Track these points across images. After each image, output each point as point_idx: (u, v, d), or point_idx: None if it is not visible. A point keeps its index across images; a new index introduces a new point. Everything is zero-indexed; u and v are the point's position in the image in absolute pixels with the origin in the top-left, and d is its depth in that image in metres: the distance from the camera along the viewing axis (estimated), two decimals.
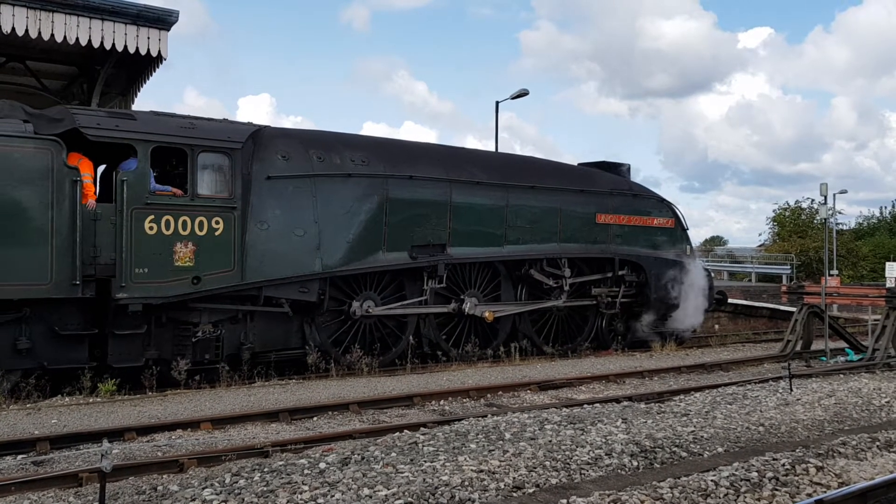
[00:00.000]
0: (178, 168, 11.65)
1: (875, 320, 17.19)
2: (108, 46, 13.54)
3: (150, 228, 10.97)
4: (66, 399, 10.40)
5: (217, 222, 11.49)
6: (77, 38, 13.25)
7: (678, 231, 18.27)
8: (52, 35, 13.07)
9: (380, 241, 13.35)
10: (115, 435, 8.28)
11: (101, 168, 12.50)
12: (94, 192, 11.13)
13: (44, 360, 10.61)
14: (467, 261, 14.57)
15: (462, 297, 14.63)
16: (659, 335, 17.43)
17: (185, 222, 11.22)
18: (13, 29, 12.78)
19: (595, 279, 16.61)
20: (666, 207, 18.20)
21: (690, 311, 17.59)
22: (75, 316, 10.85)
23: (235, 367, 12.05)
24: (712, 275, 20.08)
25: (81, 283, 10.47)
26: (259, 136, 12.42)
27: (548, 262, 15.68)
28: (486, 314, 14.68)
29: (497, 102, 27.07)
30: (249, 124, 12.70)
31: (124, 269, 10.77)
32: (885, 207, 68.90)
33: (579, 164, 18.53)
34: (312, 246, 12.49)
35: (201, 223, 11.36)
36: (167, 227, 11.09)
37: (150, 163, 11.17)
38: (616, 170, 18.19)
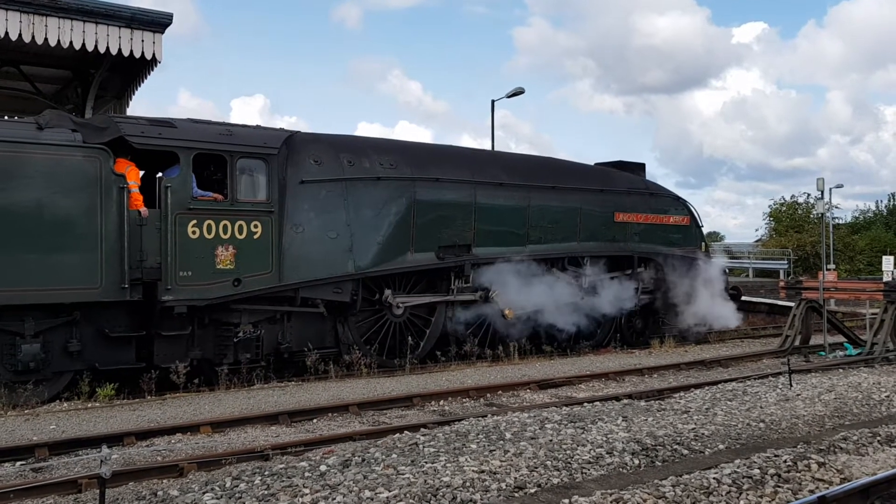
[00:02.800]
0: (215, 174, 11.97)
1: (873, 314, 17.20)
2: (102, 50, 13.49)
3: (193, 233, 11.31)
4: (65, 404, 10.37)
5: (255, 226, 11.85)
6: (71, 42, 13.20)
7: (693, 228, 18.68)
8: (46, 39, 13.01)
9: (408, 241, 13.72)
10: (115, 440, 8.24)
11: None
12: (143, 199, 11.33)
13: (94, 361, 10.92)
14: (493, 260, 14.80)
15: (488, 286, 14.77)
16: (679, 331, 17.76)
17: (225, 226, 11.57)
18: (6, 33, 12.74)
19: (614, 276, 16.86)
20: (681, 205, 18.59)
21: (706, 307, 17.79)
22: (122, 318, 11.18)
23: (275, 366, 12.44)
24: (727, 271, 20.39)
25: (129, 286, 10.78)
26: (292, 142, 12.73)
27: (569, 260, 16.01)
28: (506, 312, 14.82)
29: (493, 101, 27.08)
30: (282, 130, 12.95)
31: (169, 272, 11.09)
32: (881, 201, 68.98)
33: (596, 164, 18.80)
34: (345, 248, 12.86)
35: (241, 227, 11.72)
36: (209, 231, 11.44)
37: (192, 169, 11.49)
38: (632, 169, 18.58)
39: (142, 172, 12.42)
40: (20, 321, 10.38)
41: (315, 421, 9.54)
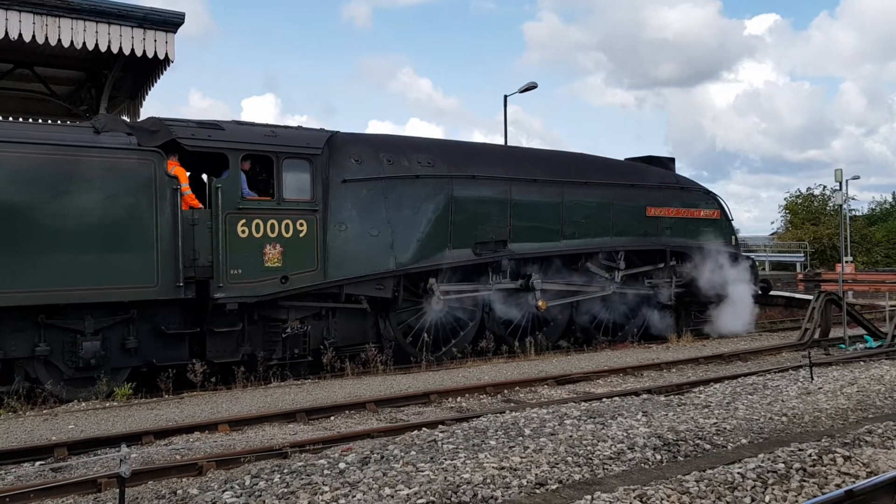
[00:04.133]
0: (261, 174, 12.24)
1: (893, 306, 17.02)
2: (115, 50, 13.51)
3: (243, 232, 11.61)
4: (83, 404, 10.39)
5: (301, 224, 12.12)
6: (84, 43, 13.23)
7: (723, 222, 18.78)
8: (60, 40, 13.04)
9: (446, 238, 13.92)
10: (133, 439, 8.25)
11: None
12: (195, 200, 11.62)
13: (151, 357, 11.26)
14: (528, 256, 15.00)
15: (529, 273, 14.93)
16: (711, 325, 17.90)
17: (272, 225, 11.85)
18: (20, 35, 12.77)
19: (646, 270, 17.04)
20: (711, 199, 18.69)
21: (738, 300, 17.84)
22: (176, 316, 11.49)
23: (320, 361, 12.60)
24: (756, 264, 20.52)
25: (184, 284, 11.08)
26: (333, 142, 12.97)
27: (603, 255, 16.17)
28: (540, 303, 14.95)
29: (505, 96, 26.95)
30: (322, 131, 13.18)
31: (221, 270, 11.38)
32: None
33: (626, 160, 18.85)
34: (386, 245, 13.11)
35: (287, 226, 11.99)
36: (257, 230, 11.73)
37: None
38: (663, 163, 18.68)
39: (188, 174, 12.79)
40: (80, 319, 10.70)
41: (332, 418, 9.51)
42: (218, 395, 10.95)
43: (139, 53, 13.71)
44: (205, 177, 12.71)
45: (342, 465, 6.51)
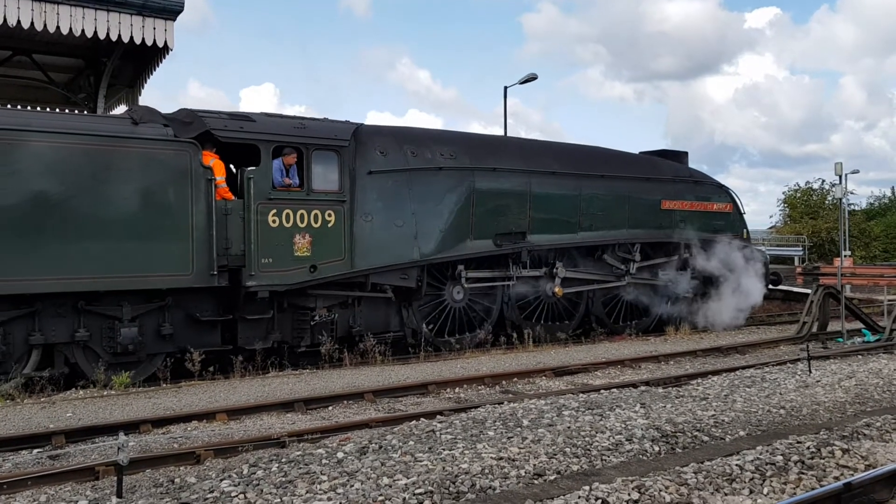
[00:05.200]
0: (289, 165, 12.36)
1: (891, 300, 17.03)
2: (114, 38, 13.48)
3: (273, 221, 11.85)
4: (81, 392, 10.38)
5: (329, 215, 12.38)
6: (83, 30, 13.20)
7: (735, 215, 19.01)
8: (58, 27, 13.01)
9: (468, 229, 14.17)
10: (131, 427, 8.23)
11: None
12: (228, 190, 11.87)
13: (185, 344, 11.49)
14: (547, 247, 15.31)
15: (553, 261, 15.38)
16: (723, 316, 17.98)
17: (302, 215, 12.12)
18: (18, 22, 12.73)
19: (661, 262, 17.30)
20: (724, 193, 18.93)
21: (750, 291, 18.01)
22: (208, 303, 11.78)
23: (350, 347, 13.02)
24: (767, 256, 20.79)
25: (217, 272, 11.34)
26: (358, 134, 13.15)
27: (619, 246, 16.49)
28: (556, 290, 15.31)
29: (505, 88, 26.92)
30: (348, 123, 13.36)
31: (252, 259, 11.64)
32: None
33: (640, 153, 19.06)
34: (410, 235, 13.37)
35: (316, 216, 12.24)
36: (287, 220, 11.98)
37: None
38: (676, 157, 18.92)
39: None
40: (118, 306, 10.98)
41: (330, 408, 9.50)
42: (216, 385, 10.94)
43: (138, 41, 13.68)
44: (232, 167, 12.89)
45: (340, 455, 6.51)
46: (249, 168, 11.83)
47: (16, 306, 10.41)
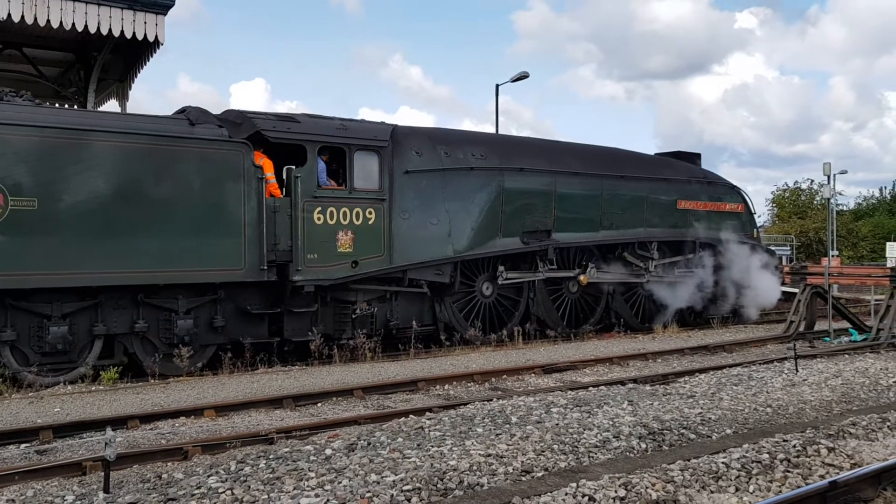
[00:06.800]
0: (331, 164, 12.95)
1: (878, 300, 17.12)
2: (104, 32, 13.41)
3: (318, 219, 12.44)
4: (69, 387, 10.36)
5: (370, 213, 12.98)
6: (73, 24, 13.12)
7: (746, 216, 19.80)
8: (49, 21, 12.93)
9: (497, 227, 14.78)
10: (119, 423, 8.22)
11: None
12: (279, 189, 12.42)
13: (235, 335, 12.05)
14: (571, 245, 15.96)
15: (585, 263, 16.18)
16: (735, 313, 18.95)
17: (345, 213, 12.71)
18: (9, 15, 12.66)
19: (677, 260, 17.88)
20: (736, 193, 19.74)
21: (763, 290, 18.65)
22: (256, 297, 12.36)
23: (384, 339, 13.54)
24: (776, 255, 21.65)
25: (266, 267, 11.87)
26: (395, 134, 13.70)
27: (638, 245, 17.05)
28: (582, 278, 15.98)
29: (497, 85, 26.95)
30: (384, 124, 13.97)
31: (299, 254, 12.19)
32: (885, 188, 68.64)
33: (656, 154, 19.82)
34: (444, 233, 13.99)
35: (357, 214, 12.86)
36: (331, 218, 12.57)
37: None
38: (690, 158, 19.68)
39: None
40: (174, 299, 11.54)
41: (319, 405, 9.51)
42: (204, 381, 10.93)
43: (129, 35, 13.61)
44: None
45: (328, 452, 6.52)
46: (297, 168, 12.32)
47: (81, 298, 10.88)
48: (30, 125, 10.36)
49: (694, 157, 19.80)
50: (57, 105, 16.31)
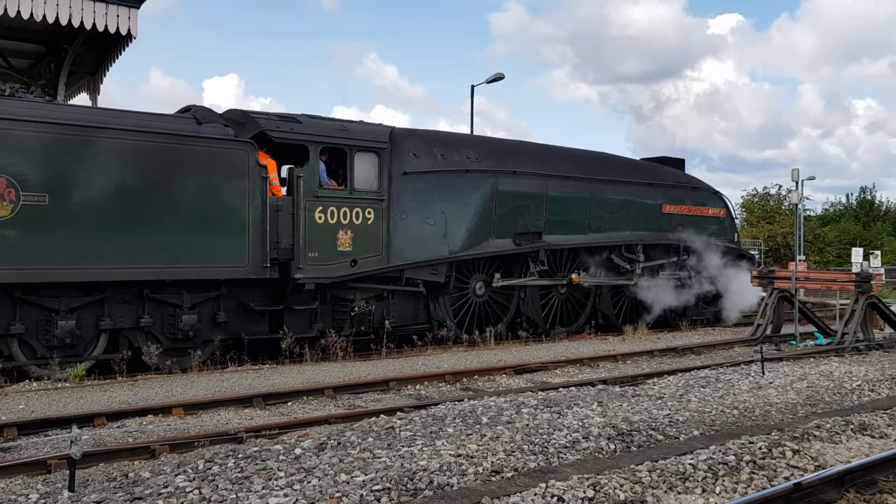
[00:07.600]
0: (330, 165, 13.16)
1: (843, 305, 17.39)
2: (76, 24, 13.19)
3: (319, 218, 12.70)
4: (34, 384, 10.21)
5: (369, 213, 13.25)
6: (44, 16, 12.89)
7: (728, 220, 20.43)
8: (19, 12, 12.70)
9: (490, 229, 15.14)
10: (85, 421, 8.12)
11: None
12: (280, 189, 12.75)
13: (238, 331, 12.27)
14: (562, 247, 16.31)
15: (578, 271, 16.59)
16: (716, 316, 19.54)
17: (345, 213, 12.95)
18: None
19: (661, 263, 18.29)
20: (718, 198, 20.30)
21: (744, 293, 19.03)
22: (259, 293, 12.57)
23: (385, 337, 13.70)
24: (756, 259, 22.44)
25: (269, 265, 12.10)
26: (393, 136, 13.93)
27: (625, 248, 17.48)
28: (574, 277, 16.39)
29: (472, 86, 26.98)
30: (381, 125, 14.19)
31: (300, 253, 12.46)
32: (851, 194, 69.97)
33: (642, 160, 20.14)
34: (440, 233, 14.28)
35: (357, 213, 13.11)
36: (332, 217, 12.82)
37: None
38: (675, 164, 20.18)
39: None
40: (179, 295, 11.71)
41: (290, 404, 9.46)
42: (173, 379, 10.83)
43: (101, 28, 13.41)
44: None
45: (298, 451, 6.49)
46: (299, 168, 12.55)
47: (88, 293, 11.03)
48: (42, 121, 10.49)
49: (678, 163, 20.28)
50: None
